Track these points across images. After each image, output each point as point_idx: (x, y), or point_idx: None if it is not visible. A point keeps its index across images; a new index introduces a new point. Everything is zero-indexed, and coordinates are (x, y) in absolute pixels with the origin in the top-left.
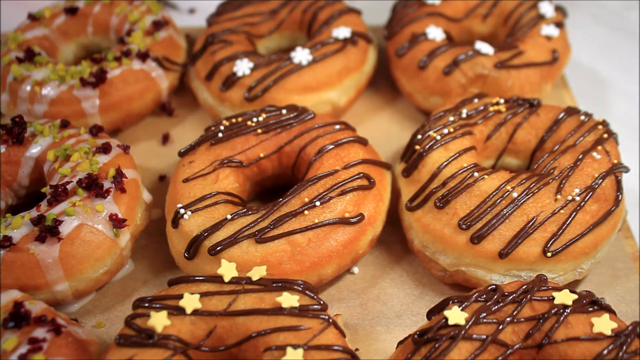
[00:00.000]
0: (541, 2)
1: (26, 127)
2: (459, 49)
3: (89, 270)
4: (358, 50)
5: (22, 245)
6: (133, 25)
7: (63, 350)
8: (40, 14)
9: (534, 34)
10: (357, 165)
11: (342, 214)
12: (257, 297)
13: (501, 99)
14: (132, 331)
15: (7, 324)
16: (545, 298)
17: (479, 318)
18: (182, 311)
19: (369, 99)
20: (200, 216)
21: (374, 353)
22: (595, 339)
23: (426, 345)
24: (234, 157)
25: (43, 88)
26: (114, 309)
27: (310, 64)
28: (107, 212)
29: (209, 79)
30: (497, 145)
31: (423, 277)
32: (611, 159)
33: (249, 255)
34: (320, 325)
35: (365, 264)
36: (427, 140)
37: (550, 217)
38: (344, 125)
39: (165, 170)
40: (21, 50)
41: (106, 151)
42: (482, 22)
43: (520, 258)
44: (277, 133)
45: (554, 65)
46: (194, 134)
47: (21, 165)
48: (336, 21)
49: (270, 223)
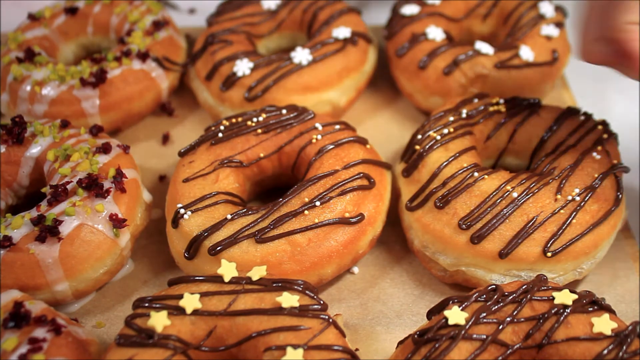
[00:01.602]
0: (541, 2)
1: (26, 127)
2: (459, 49)
3: (89, 270)
4: (358, 50)
5: (22, 245)
6: (133, 25)
7: (63, 350)
8: (40, 14)
9: (534, 34)
10: (357, 165)
11: (342, 214)
12: (257, 297)
13: (501, 99)
14: (132, 331)
15: (7, 324)
16: (545, 298)
17: (479, 318)
18: (182, 311)
19: (369, 99)
20: (200, 216)
21: (374, 353)
22: (595, 339)
23: (426, 345)
24: (234, 157)
25: (43, 88)
26: (114, 309)
27: (310, 64)
28: (107, 212)
29: (209, 79)
30: (497, 145)
31: (423, 277)
32: (611, 159)
33: (249, 255)
34: (320, 325)
35: (365, 264)
36: (427, 140)
37: (550, 217)
38: (344, 125)
39: (165, 170)
40: (21, 50)
41: (106, 151)
42: (482, 22)
43: (520, 258)
44: (277, 133)
45: (554, 65)
46: (194, 134)
47: (21, 165)
48: (336, 21)
49: (270, 223)
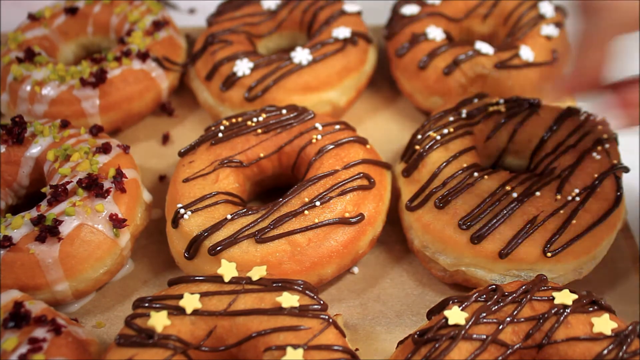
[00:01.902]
0: (541, 2)
1: (26, 127)
2: (459, 49)
3: (89, 270)
4: (358, 51)
5: (22, 245)
6: (133, 25)
7: (63, 350)
8: (40, 14)
9: (534, 34)
10: (357, 165)
11: (342, 214)
12: (257, 297)
13: (501, 99)
14: (132, 331)
15: (7, 324)
16: (545, 298)
17: (479, 318)
18: (182, 311)
19: (369, 99)
20: (200, 216)
21: (374, 353)
22: (595, 339)
23: (426, 345)
24: (234, 157)
25: (43, 88)
26: (114, 309)
27: (310, 64)
28: (107, 212)
29: (209, 79)
30: (497, 145)
31: (423, 277)
32: (611, 159)
33: (249, 255)
34: (320, 325)
35: (365, 264)
36: (427, 140)
37: (550, 217)
38: (344, 125)
39: (165, 170)
40: (21, 50)
41: (106, 151)
42: (482, 22)
43: (520, 258)
44: (277, 133)
45: (554, 65)
46: (194, 134)
47: (21, 165)
48: (336, 21)
49: (270, 223)
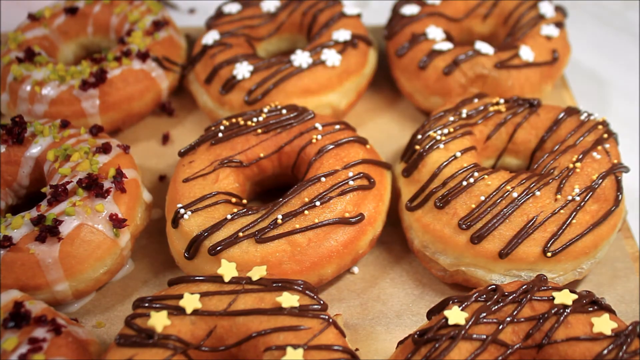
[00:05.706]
0: (541, 2)
1: (26, 127)
2: (459, 49)
3: (89, 270)
4: (358, 53)
5: (22, 245)
6: (133, 25)
7: (63, 350)
8: (40, 14)
9: (534, 34)
10: (357, 165)
11: (342, 214)
12: (257, 297)
13: (501, 99)
14: (132, 331)
15: (7, 324)
16: (545, 298)
17: (479, 318)
18: (182, 311)
19: (370, 99)
20: (200, 216)
21: (374, 353)
22: (595, 339)
23: (426, 345)
24: (234, 157)
25: (43, 88)
26: (114, 309)
27: (310, 66)
28: (107, 212)
29: (208, 82)
30: (497, 145)
31: (423, 277)
32: (611, 159)
33: (249, 255)
34: (320, 325)
35: (365, 264)
36: (427, 140)
37: (550, 217)
38: (344, 125)
39: (165, 170)
40: (21, 50)
41: (106, 151)
42: (482, 22)
43: (520, 258)
44: (277, 133)
45: (554, 65)
46: (194, 134)
47: (21, 165)
48: (336, 24)
49: (270, 223)
